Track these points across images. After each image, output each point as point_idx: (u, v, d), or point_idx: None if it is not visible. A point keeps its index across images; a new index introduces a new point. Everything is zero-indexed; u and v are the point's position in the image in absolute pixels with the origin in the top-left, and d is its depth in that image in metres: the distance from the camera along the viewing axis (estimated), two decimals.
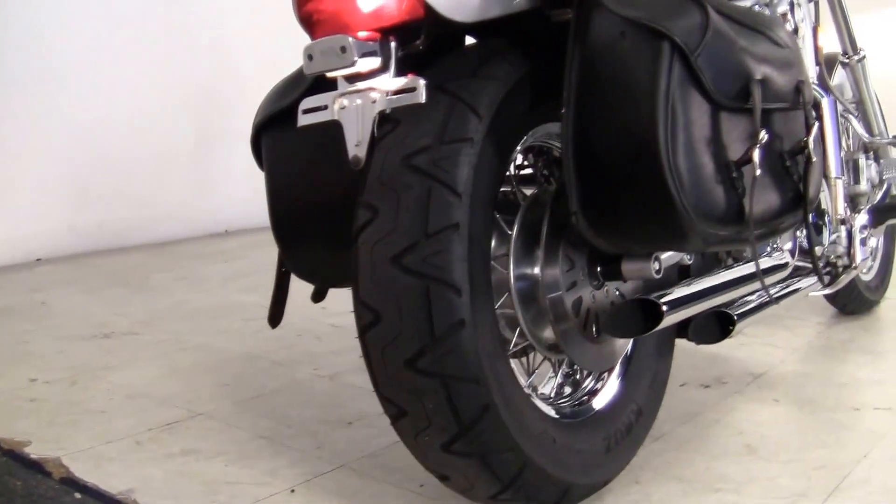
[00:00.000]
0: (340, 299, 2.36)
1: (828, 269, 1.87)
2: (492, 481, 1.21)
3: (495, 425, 1.17)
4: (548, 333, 1.36)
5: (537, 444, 1.23)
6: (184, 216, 3.05)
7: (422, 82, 1.08)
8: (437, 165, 1.16)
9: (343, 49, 1.10)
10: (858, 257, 1.90)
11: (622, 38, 1.15)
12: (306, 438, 1.59)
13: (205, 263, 2.80)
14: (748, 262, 1.55)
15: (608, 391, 1.46)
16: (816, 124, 1.25)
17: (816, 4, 2.02)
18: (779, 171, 1.20)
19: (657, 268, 1.30)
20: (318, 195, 1.38)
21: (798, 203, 1.23)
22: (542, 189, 1.40)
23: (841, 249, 1.88)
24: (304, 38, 1.17)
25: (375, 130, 1.15)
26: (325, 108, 1.15)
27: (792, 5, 1.85)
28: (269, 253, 2.86)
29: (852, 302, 2.38)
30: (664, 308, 1.26)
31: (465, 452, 1.18)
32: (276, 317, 1.58)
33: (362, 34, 1.12)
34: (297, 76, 1.45)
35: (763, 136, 1.16)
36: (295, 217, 1.39)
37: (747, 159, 1.15)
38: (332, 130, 1.32)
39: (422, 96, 1.08)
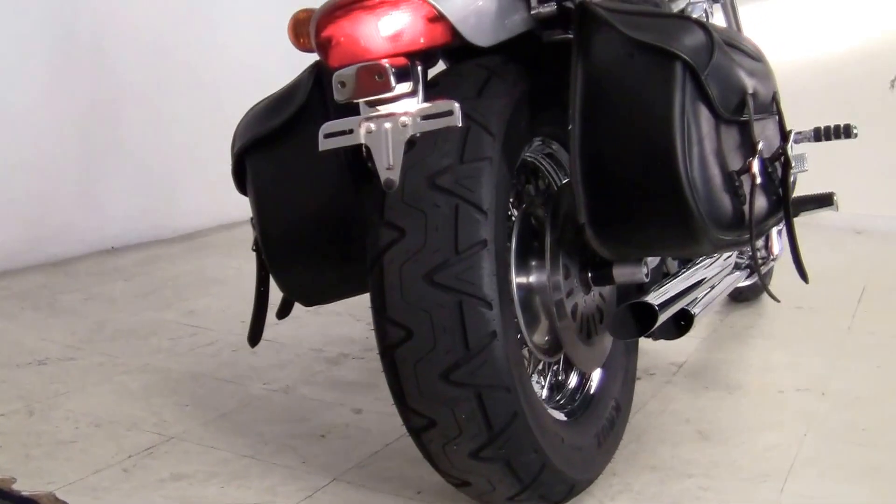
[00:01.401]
0: (249, 307, 2.35)
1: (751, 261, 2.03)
2: (514, 483, 1.28)
3: (522, 430, 1.23)
4: (542, 338, 1.43)
5: (552, 445, 1.30)
6: (72, 234, 2.94)
7: (456, 105, 1.12)
8: (461, 184, 1.20)
9: (380, 75, 1.13)
10: (776, 248, 2.07)
11: (631, 59, 1.22)
12: (288, 454, 1.60)
13: (104, 282, 2.71)
14: (704, 261, 1.67)
15: (592, 390, 1.54)
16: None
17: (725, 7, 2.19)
18: (764, 176, 1.31)
19: (646, 272, 1.39)
20: (312, 215, 1.39)
21: (779, 205, 1.35)
22: (531, 201, 1.46)
23: (761, 242, 2.04)
24: (196, 56, 1.18)
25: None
26: (350, 132, 1.17)
27: (705, 11, 2.00)
28: (164, 268, 2.82)
29: (747, 289, 2.57)
30: (658, 310, 1.36)
31: (492, 458, 1.24)
32: (255, 336, 1.58)
33: (387, 60, 1.14)
34: (280, 99, 1.46)
35: (760, 146, 1.26)
36: (289, 238, 1.40)
37: (747, 168, 1.26)
38: (325, 151, 1.35)
39: (458, 119, 1.11)
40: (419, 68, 1.16)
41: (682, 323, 1.52)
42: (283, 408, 1.81)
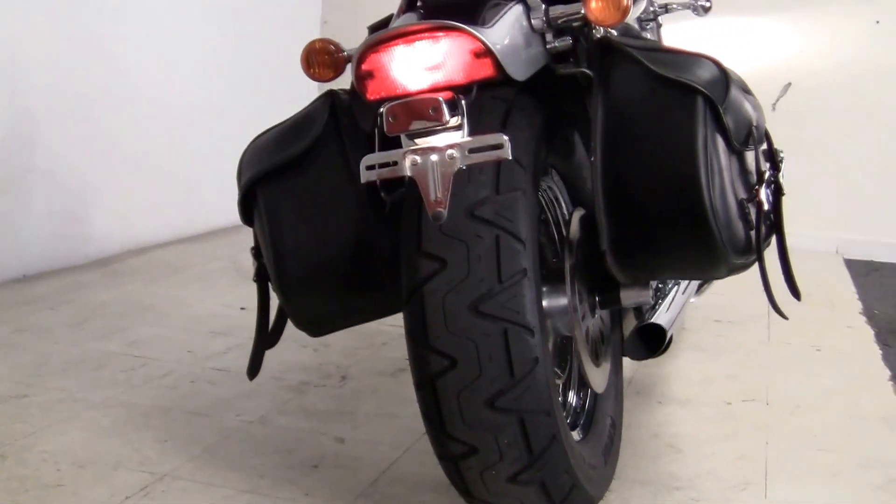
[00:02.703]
0: (199, 342, 2.32)
1: None
2: None
3: (559, 452, 1.28)
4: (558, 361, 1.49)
5: (579, 465, 1.35)
6: None
7: (506, 138, 1.15)
8: (500, 215, 1.24)
9: (434, 109, 1.16)
10: None
11: (653, 93, 1.29)
12: (287, 487, 1.60)
13: (31, 311, 2.60)
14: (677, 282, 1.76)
15: (593, 409, 1.60)
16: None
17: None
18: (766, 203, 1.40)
19: (651, 294, 1.46)
20: (332, 244, 1.40)
21: (772, 229, 1.44)
22: (544, 229, 1.51)
23: None
24: (110, 77, 1.18)
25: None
26: (395, 164, 1.19)
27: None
28: (87, 296, 2.73)
29: None
30: (670, 333, 1.43)
31: (529, 481, 1.29)
32: (254, 368, 1.57)
33: (440, 94, 1.18)
34: (292, 129, 1.46)
35: (768, 174, 1.35)
36: (308, 267, 1.40)
37: (755, 195, 1.34)
38: (341, 180, 1.37)
39: (508, 153, 1.15)
40: (462, 102, 1.19)
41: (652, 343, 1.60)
42: (264, 439, 1.80)
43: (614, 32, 1.41)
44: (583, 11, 1.33)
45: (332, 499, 1.56)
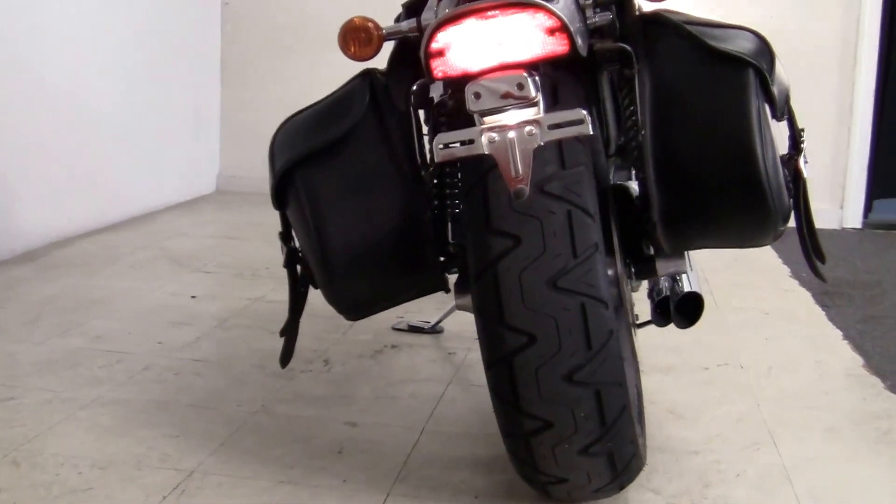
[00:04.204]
0: (163, 333, 2.24)
1: None
2: (608, 475, 1.36)
3: (627, 422, 1.31)
4: None
5: (638, 434, 1.38)
6: None
7: (585, 113, 1.16)
8: (570, 190, 1.26)
9: (520, 86, 1.16)
10: None
11: (703, 66, 1.32)
12: (322, 475, 1.58)
13: None
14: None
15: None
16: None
17: None
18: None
19: (689, 263, 1.50)
20: (379, 224, 1.39)
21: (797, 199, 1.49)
22: None
23: None
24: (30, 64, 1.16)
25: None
26: (471, 142, 1.18)
27: None
28: (29, 292, 2.60)
29: None
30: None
31: (599, 452, 1.31)
32: (287, 356, 1.55)
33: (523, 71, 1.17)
34: (330, 110, 1.44)
35: (804, 144, 1.40)
36: (353, 249, 1.39)
37: (794, 165, 1.39)
38: (387, 160, 1.36)
39: (589, 127, 1.16)
40: (537, 78, 1.19)
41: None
42: (276, 429, 1.76)
43: (660, 6, 1.43)
44: None
45: (371, 483, 1.54)
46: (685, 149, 1.33)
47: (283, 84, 4.42)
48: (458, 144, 1.19)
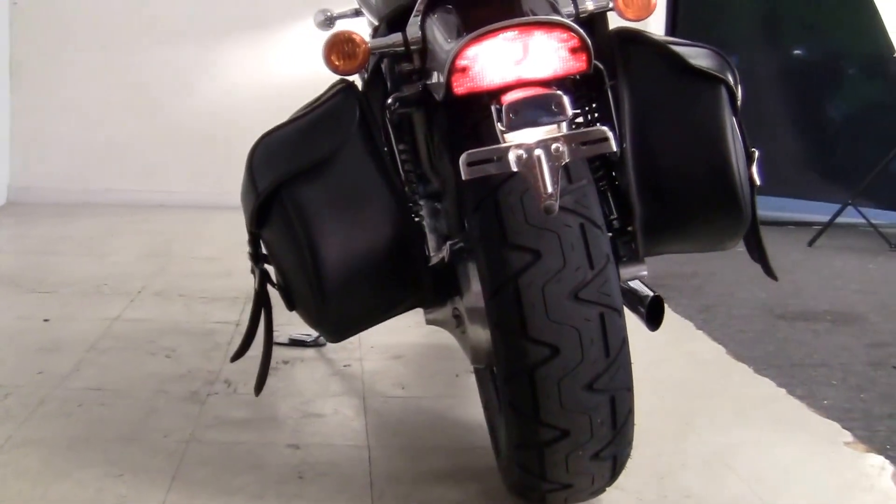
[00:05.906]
0: (38, 362, 2.08)
1: None
2: (608, 476, 1.42)
3: (630, 425, 1.38)
4: None
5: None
6: None
7: (609, 132, 1.21)
8: (580, 204, 1.31)
9: (557, 105, 1.19)
10: None
11: (678, 82, 1.41)
12: (299, 502, 1.52)
13: None
14: None
15: None
16: None
17: None
18: None
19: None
20: (370, 239, 1.38)
21: None
22: None
23: None
24: None
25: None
26: (498, 160, 1.20)
27: None
28: None
29: None
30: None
31: (607, 456, 1.37)
32: (262, 384, 1.49)
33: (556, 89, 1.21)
34: (316, 126, 1.41)
35: (756, 154, 1.51)
36: (349, 265, 1.36)
37: (749, 173, 1.50)
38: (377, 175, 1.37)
39: (613, 144, 1.21)
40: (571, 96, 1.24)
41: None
42: (222, 458, 1.69)
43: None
44: (611, 4, 1.41)
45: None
46: (667, 161, 1.42)
47: (77, 87, 4.14)
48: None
